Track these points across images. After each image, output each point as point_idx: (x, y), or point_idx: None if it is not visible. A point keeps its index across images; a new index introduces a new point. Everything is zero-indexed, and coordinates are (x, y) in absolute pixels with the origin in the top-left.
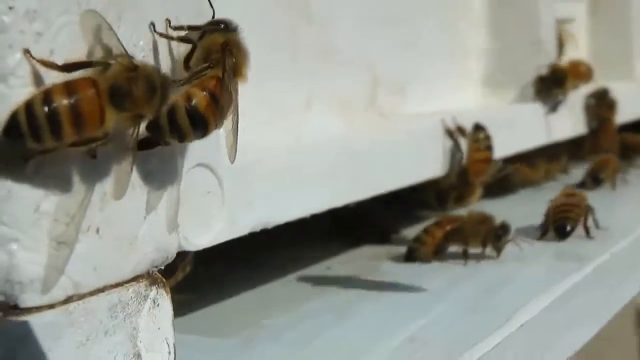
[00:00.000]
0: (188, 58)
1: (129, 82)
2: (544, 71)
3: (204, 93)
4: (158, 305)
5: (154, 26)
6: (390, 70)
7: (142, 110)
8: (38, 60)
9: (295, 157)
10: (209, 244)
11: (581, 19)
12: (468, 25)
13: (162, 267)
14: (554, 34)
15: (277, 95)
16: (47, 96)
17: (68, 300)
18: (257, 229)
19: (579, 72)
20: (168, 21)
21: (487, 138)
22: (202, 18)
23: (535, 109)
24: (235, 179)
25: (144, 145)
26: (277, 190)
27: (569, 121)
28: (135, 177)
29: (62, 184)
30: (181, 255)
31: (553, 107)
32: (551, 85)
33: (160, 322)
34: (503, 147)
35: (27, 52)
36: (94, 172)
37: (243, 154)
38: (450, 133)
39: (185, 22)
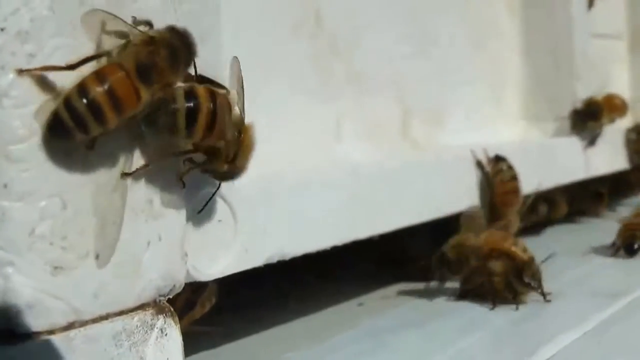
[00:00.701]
0: None
1: (152, 55)
2: (578, 105)
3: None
4: (166, 334)
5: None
6: (423, 101)
7: (170, 78)
8: (36, 70)
9: (314, 186)
10: (221, 274)
11: (622, 56)
12: (505, 56)
13: (170, 296)
14: (590, 68)
15: (302, 124)
16: (82, 88)
17: (69, 327)
18: (274, 260)
19: (614, 105)
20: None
21: (510, 168)
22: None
23: (573, 143)
24: (248, 208)
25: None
26: (293, 221)
27: (608, 156)
28: (136, 202)
29: (57, 208)
30: (201, 288)
31: (591, 141)
32: (586, 119)
33: (169, 352)
34: (541, 180)
35: (21, 71)
36: (91, 197)
37: (259, 182)
38: (480, 165)
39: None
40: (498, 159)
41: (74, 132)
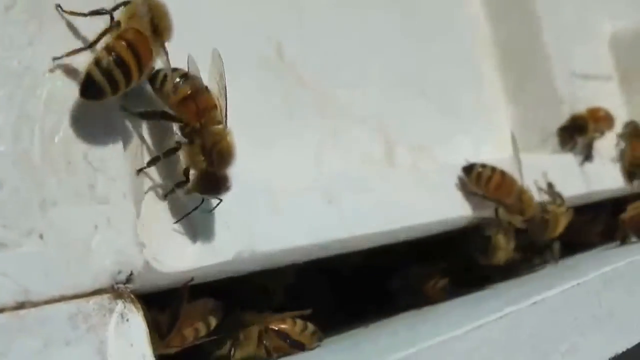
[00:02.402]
0: None
1: (153, 19)
2: (564, 122)
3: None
4: (127, 320)
5: None
6: (408, 133)
7: (167, 37)
8: (66, 54)
9: (285, 185)
10: (187, 268)
11: (615, 97)
12: (490, 93)
13: (131, 285)
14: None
15: (277, 155)
16: (108, 47)
17: (20, 306)
18: (244, 255)
19: (599, 117)
20: None
21: (484, 166)
22: None
23: (568, 159)
24: (210, 202)
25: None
26: (261, 218)
27: (611, 173)
28: (80, 185)
29: None
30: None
31: (586, 157)
32: (574, 133)
33: (133, 339)
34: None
35: (55, 58)
36: (30, 175)
37: None
38: (463, 183)
39: None
40: (466, 170)
41: (106, 89)
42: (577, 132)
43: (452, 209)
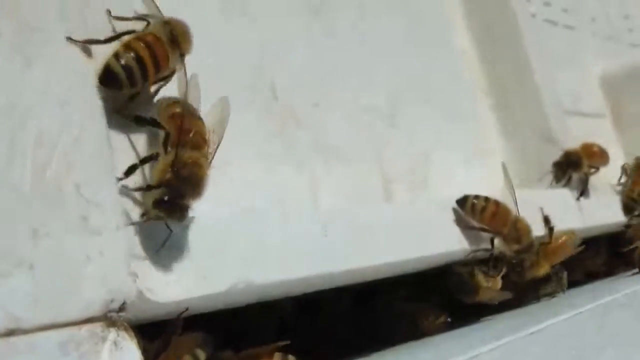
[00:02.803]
0: None
1: (172, 31)
2: (558, 157)
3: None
4: (121, 348)
5: None
6: (402, 167)
7: (183, 51)
8: (83, 42)
9: (280, 215)
10: (179, 298)
11: (608, 134)
12: (481, 130)
13: (123, 313)
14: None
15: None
16: (128, 45)
17: (10, 333)
18: (240, 286)
19: (592, 153)
20: None
21: (477, 197)
22: None
23: (564, 194)
24: (204, 232)
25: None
26: (255, 248)
27: (608, 208)
28: (73, 217)
29: None
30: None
31: (582, 192)
32: (568, 169)
33: None
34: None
35: (69, 38)
36: (22, 206)
37: (217, 207)
38: (458, 217)
39: None
40: (460, 202)
41: (123, 82)
42: (570, 168)
43: (449, 242)
